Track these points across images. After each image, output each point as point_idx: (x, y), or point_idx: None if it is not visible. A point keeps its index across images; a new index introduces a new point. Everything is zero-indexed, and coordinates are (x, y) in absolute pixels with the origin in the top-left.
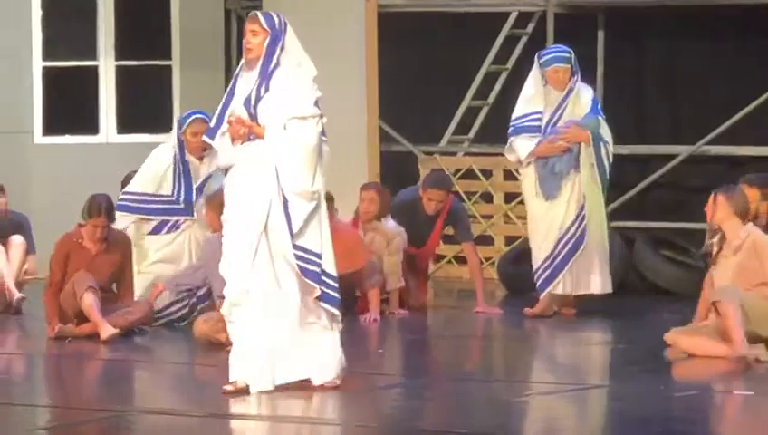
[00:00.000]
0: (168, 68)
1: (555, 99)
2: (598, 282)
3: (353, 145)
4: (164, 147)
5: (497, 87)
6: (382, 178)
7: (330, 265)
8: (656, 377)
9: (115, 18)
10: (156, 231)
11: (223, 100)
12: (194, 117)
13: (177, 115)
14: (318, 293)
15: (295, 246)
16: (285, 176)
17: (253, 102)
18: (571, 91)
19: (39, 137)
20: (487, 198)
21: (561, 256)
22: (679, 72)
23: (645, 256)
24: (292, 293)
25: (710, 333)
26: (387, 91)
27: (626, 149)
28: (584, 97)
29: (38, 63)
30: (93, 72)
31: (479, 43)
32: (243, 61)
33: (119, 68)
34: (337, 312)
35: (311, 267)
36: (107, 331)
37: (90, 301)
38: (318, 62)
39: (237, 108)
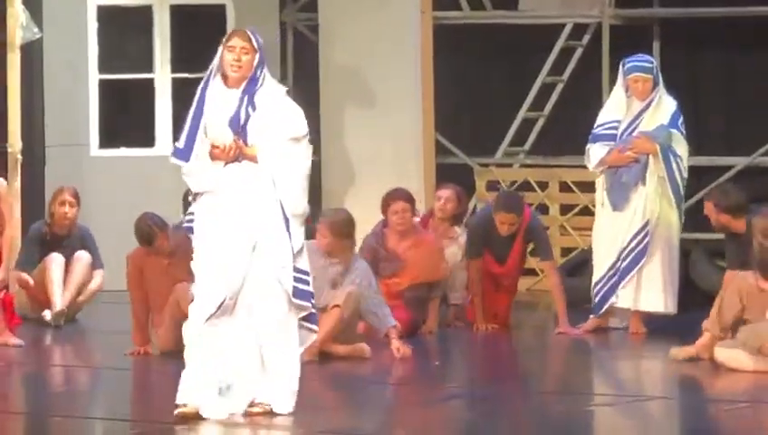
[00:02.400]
0: None
1: (636, 108)
2: (660, 300)
3: (409, 157)
4: None
5: (553, 99)
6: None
7: (310, 284)
8: (712, 390)
9: (171, 31)
10: None
11: (191, 118)
12: None
13: None
14: (308, 312)
15: (294, 268)
16: (286, 198)
17: (242, 122)
18: (651, 101)
19: (95, 149)
20: (543, 209)
21: (620, 270)
22: (735, 83)
23: (701, 267)
24: (268, 316)
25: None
26: (442, 103)
27: None
28: (665, 109)
29: (94, 76)
30: (149, 84)
31: (534, 55)
32: (212, 77)
33: (175, 81)
34: (316, 328)
35: (303, 287)
36: None
37: None
38: (374, 75)
39: (220, 128)
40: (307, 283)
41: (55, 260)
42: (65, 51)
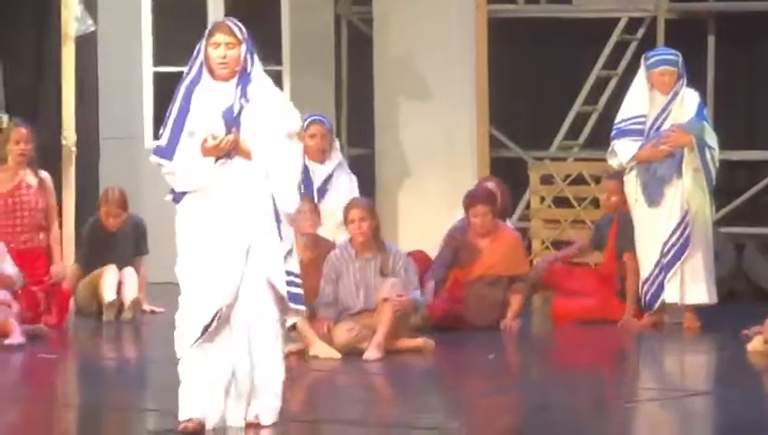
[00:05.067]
0: (279, 73)
1: (660, 102)
2: (704, 291)
3: (464, 151)
4: None
5: (607, 92)
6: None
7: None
8: (763, 383)
9: None
10: None
11: (175, 114)
12: (310, 120)
13: None
14: (303, 315)
15: (287, 271)
16: (280, 195)
17: (235, 113)
18: (676, 94)
19: (149, 142)
20: (597, 203)
21: (665, 264)
22: None
23: (755, 262)
24: (269, 320)
25: None
26: (497, 96)
27: (736, 155)
28: (690, 101)
29: (149, 69)
30: None
31: (589, 49)
32: (199, 72)
33: None
34: (303, 308)
35: (296, 290)
36: (324, 350)
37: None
38: (428, 68)
39: (211, 120)
40: (299, 285)
41: (110, 271)
42: (120, 43)
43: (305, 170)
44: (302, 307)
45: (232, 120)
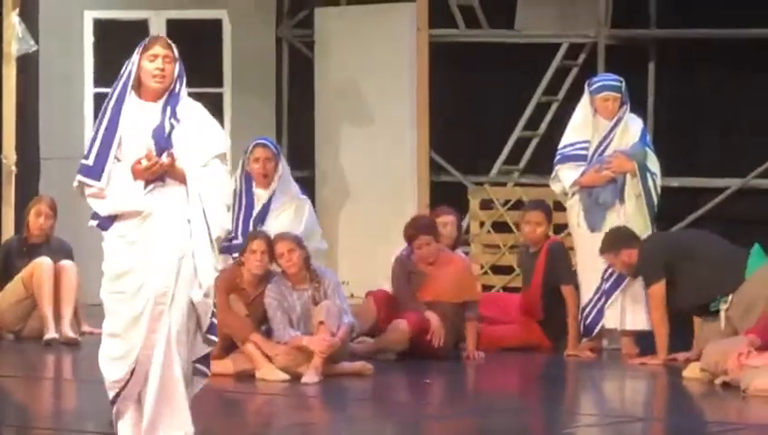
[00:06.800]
0: (220, 95)
1: (604, 128)
2: (644, 317)
3: (404, 175)
4: None
5: (548, 118)
6: (432, 208)
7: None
8: (703, 411)
9: None
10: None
11: (102, 134)
12: (254, 142)
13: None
14: (203, 353)
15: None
16: (213, 219)
17: (166, 133)
18: (619, 120)
19: None
20: None
21: (606, 290)
22: (730, 104)
23: None
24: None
25: None
26: (437, 120)
27: (676, 182)
28: (633, 127)
29: (90, 90)
30: None
31: (530, 74)
32: (127, 89)
33: None
34: (209, 372)
35: (215, 320)
36: (272, 372)
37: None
38: (369, 92)
39: (141, 141)
40: (215, 315)
41: (44, 267)
42: (61, 64)
43: (249, 197)
44: (215, 338)
45: (163, 141)
